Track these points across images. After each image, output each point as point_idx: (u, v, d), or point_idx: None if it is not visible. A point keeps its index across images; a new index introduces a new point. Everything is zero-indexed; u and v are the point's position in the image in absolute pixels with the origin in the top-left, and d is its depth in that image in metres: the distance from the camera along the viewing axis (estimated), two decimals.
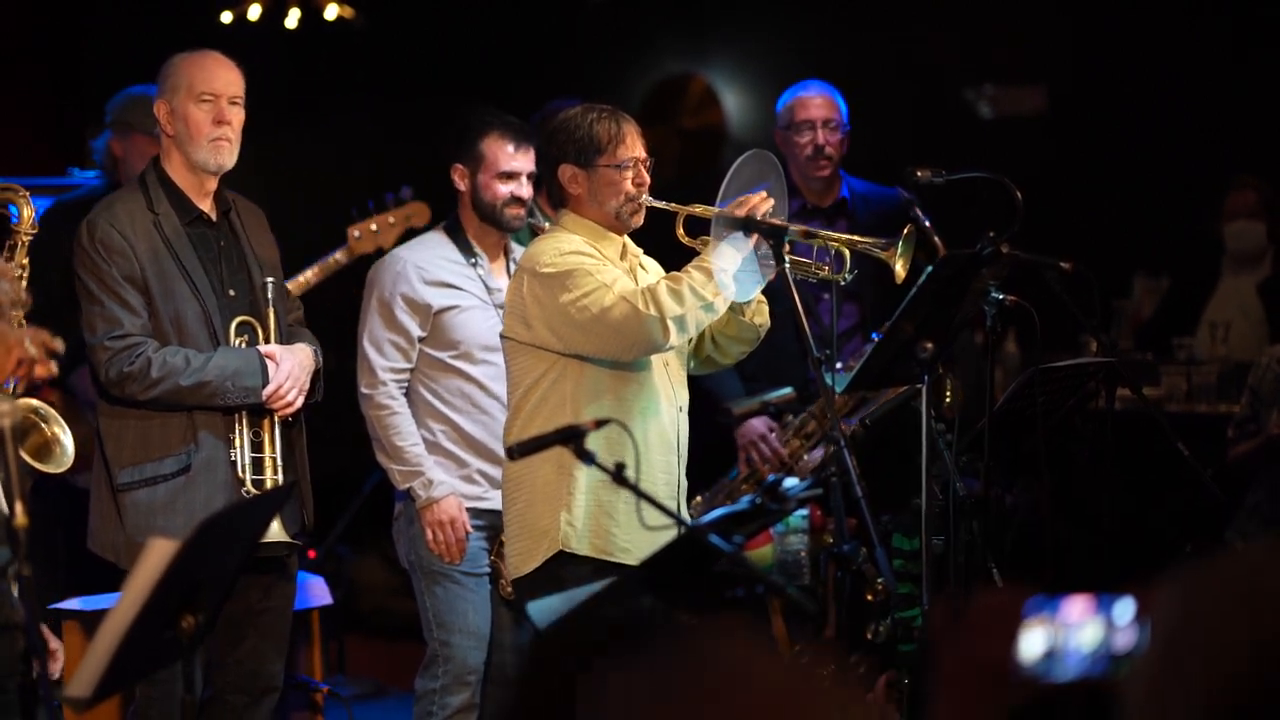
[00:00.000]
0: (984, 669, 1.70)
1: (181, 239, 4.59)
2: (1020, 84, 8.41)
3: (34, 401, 4.30)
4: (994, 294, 4.53)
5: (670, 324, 4.20)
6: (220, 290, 4.62)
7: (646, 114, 4.48)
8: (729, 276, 4.27)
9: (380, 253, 5.78)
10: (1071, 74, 8.16)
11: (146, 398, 4.50)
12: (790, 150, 5.85)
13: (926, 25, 8.02)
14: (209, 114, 4.59)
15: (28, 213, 4.49)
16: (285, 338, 4.70)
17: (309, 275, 5.94)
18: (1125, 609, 1.67)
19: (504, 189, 5.10)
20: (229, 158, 4.63)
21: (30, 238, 4.48)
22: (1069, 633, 1.68)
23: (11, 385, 4.32)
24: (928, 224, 5.39)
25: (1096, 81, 8.05)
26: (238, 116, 4.63)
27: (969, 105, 8.38)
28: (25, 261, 4.44)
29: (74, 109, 7.76)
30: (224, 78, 4.63)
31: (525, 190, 5.11)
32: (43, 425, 4.27)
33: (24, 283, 4.39)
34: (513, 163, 5.09)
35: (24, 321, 4.29)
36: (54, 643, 4.00)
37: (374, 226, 6.01)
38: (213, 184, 4.67)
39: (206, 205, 4.66)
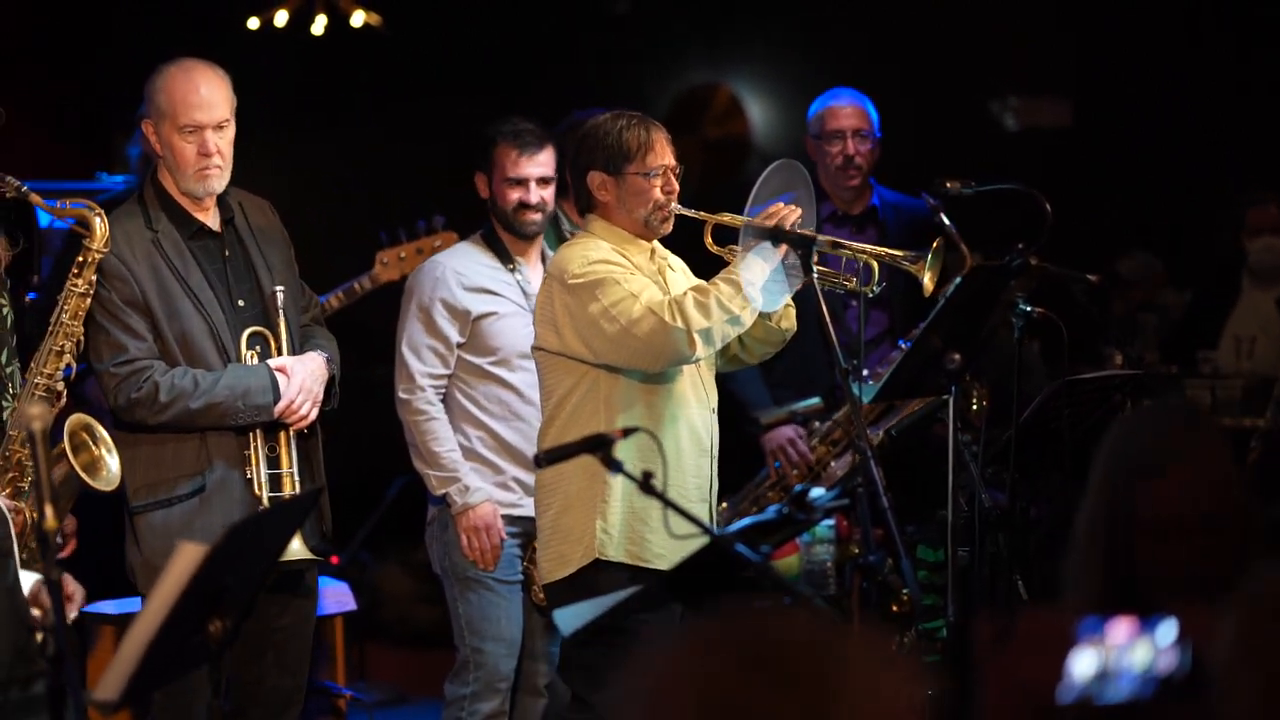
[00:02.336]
0: (1030, 693, 1.68)
1: (184, 255, 4.48)
2: (1044, 96, 8.40)
3: (89, 419, 4.27)
4: (1022, 306, 4.51)
5: (696, 336, 4.19)
6: (228, 303, 4.51)
7: (671, 124, 4.46)
8: (756, 289, 4.25)
9: (404, 280, 5.76)
10: (1096, 86, 8.15)
11: (157, 422, 4.41)
12: (820, 159, 5.85)
13: (952, 37, 8.01)
14: (194, 145, 4.44)
15: (101, 231, 4.30)
16: (298, 344, 4.60)
17: (332, 301, 5.90)
18: (1168, 631, 1.66)
19: (513, 195, 5.11)
20: (218, 182, 4.49)
21: (101, 256, 4.32)
22: (1119, 654, 1.66)
23: (64, 379, 4.30)
24: (954, 230, 5.38)
25: (1119, 95, 8.04)
26: (225, 139, 4.47)
27: (994, 116, 8.38)
28: (94, 278, 4.33)
29: (74, 109, 7.76)
30: (207, 104, 4.44)
31: (534, 195, 5.10)
32: (93, 446, 4.26)
33: (87, 300, 4.34)
34: (518, 169, 5.10)
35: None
36: (72, 586, 3.87)
37: (402, 254, 5.98)
38: (211, 198, 4.55)
39: (207, 217, 4.55)
